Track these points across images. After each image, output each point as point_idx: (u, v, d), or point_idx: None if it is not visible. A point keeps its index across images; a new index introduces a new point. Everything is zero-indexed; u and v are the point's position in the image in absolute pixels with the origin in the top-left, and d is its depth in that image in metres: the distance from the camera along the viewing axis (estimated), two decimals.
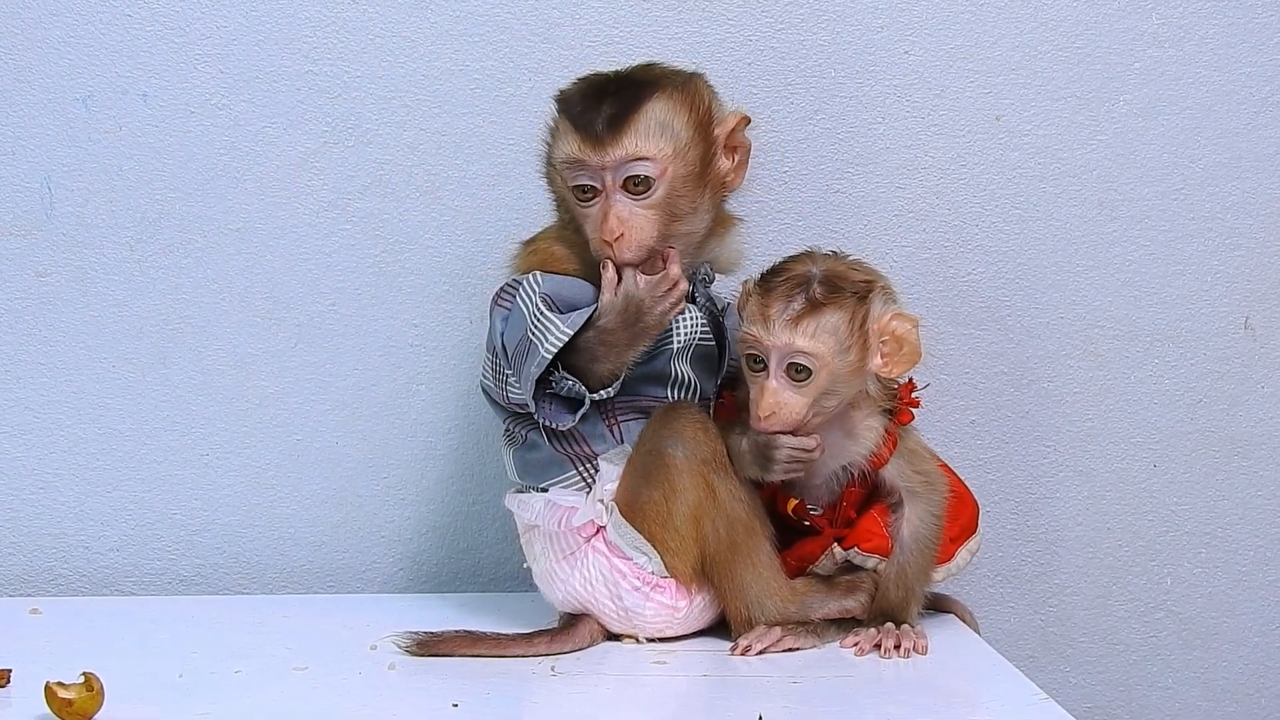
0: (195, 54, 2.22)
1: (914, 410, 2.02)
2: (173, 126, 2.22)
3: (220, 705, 1.74)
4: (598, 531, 1.97)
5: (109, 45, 2.21)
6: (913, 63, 2.30)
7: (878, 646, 1.95)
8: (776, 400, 1.91)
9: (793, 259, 1.97)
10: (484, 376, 2.03)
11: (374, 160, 2.25)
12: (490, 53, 2.25)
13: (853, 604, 2.01)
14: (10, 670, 1.78)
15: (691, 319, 1.98)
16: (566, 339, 1.88)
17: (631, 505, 1.95)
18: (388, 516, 2.30)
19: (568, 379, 1.91)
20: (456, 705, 1.73)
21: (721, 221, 2.03)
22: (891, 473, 1.99)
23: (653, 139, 1.92)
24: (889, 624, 1.97)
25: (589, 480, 1.97)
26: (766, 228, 2.24)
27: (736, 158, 2.00)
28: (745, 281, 1.99)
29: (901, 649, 1.95)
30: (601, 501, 1.96)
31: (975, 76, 2.31)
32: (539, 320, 1.90)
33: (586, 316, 1.91)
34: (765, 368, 1.92)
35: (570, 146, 1.94)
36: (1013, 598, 2.39)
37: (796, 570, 2.03)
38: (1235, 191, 2.35)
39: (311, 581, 2.30)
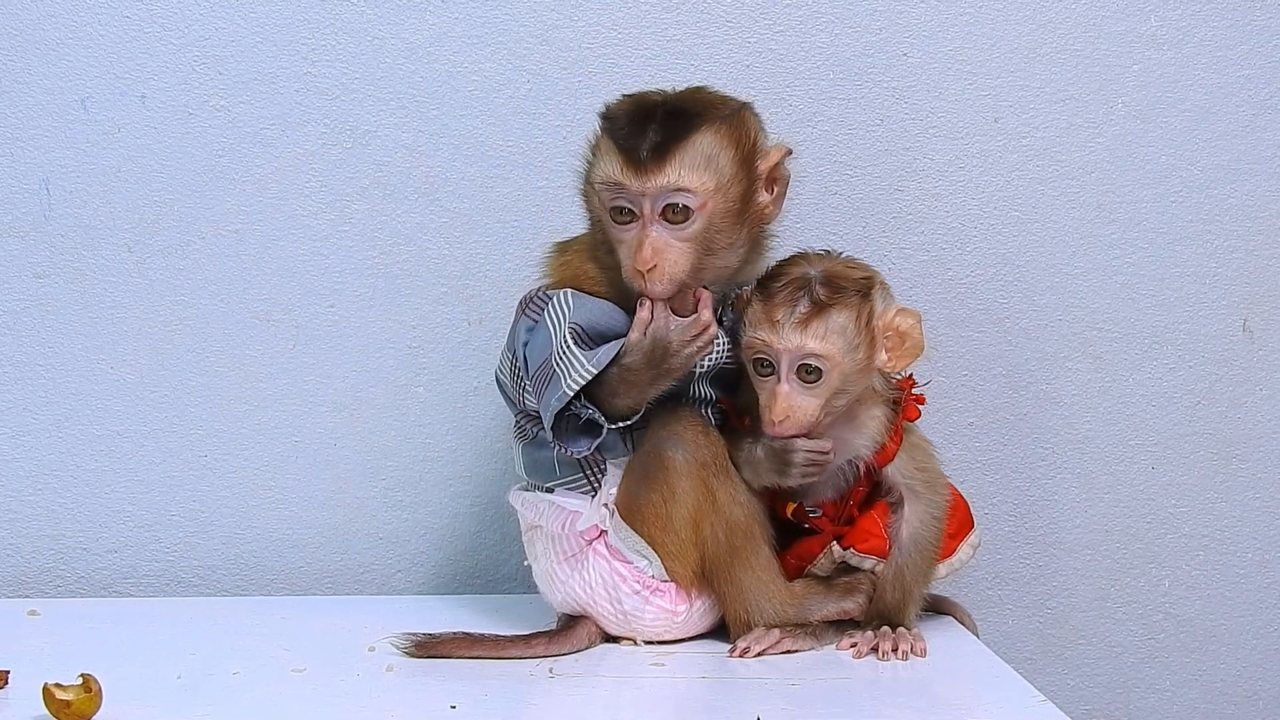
0: (194, 56, 2.22)
1: (920, 406, 2.02)
2: (171, 128, 2.22)
3: (218, 707, 1.74)
4: (600, 535, 1.97)
5: (107, 47, 2.21)
6: (911, 65, 2.30)
7: (875, 649, 1.95)
8: (790, 404, 1.91)
9: (787, 262, 1.97)
10: (500, 371, 2.03)
11: (372, 162, 2.25)
12: (489, 55, 2.25)
13: (851, 605, 2.00)
14: (8, 672, 1.78)
15: (719, 344, 1.96)
16: (589, 378, 1.86)
17: (631, 508, 1.95)
18: (386, 518, 2.30)
19: (588, 408, 1.89)
20: (454, 707, 1.73)
21: (756, 246, 2.00)
22: (894, 469, 1.99)
23: (696, 171, 1.88)
24: (886, 627, 1.97)
25: (595, 484, 1.97)
26: None
27: (776, 189, 1.98)
28: (742, 289, 1.98)
29: (899, 651, 1.95)
30: (606, 505, 1.96)
31: (973, 79, 2.31)
32: (564, 354, 1.88)
33: (612, 355, 1.88)
34: (774, 372, 1.92)
35: (612, 168, 1.91)
36: (1011, 600, 2.39)
37: (796, 569, 2.03)
38: (1233, 194, 2.35)
39: (310, 583, 2.30)
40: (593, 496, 1.97)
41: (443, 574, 2.32)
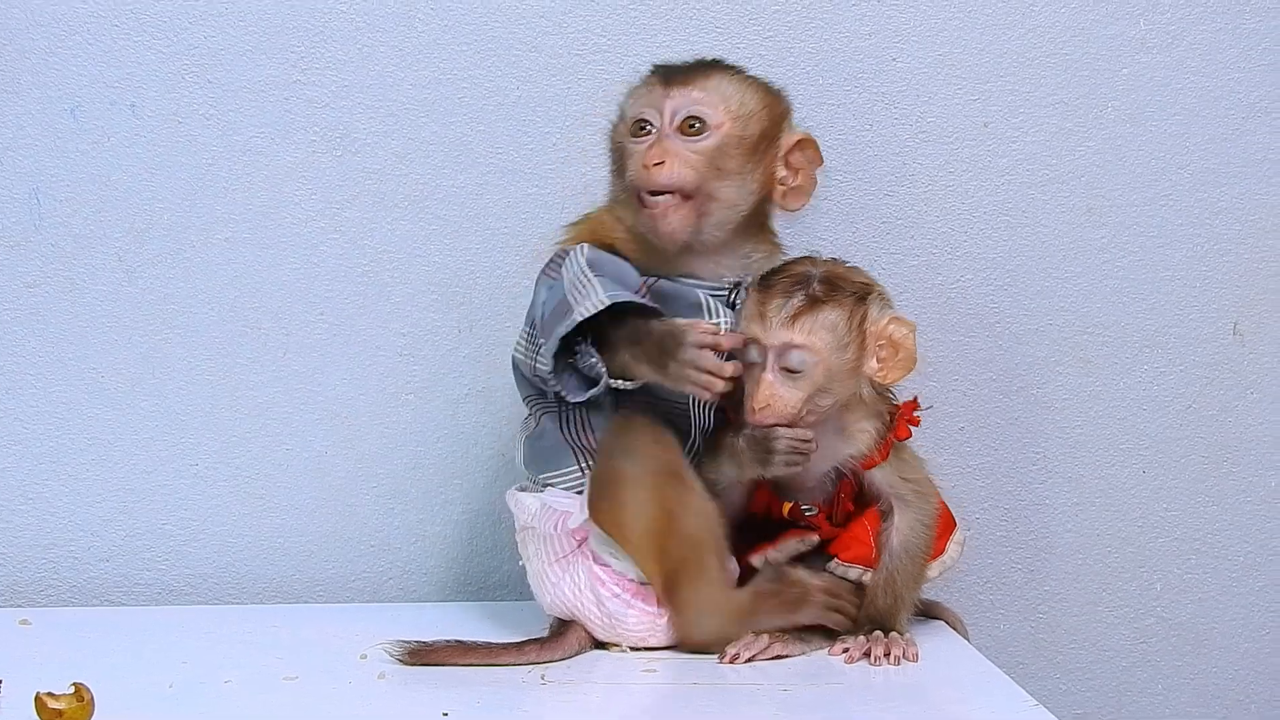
0: (183, 64, 2.22)
1: (912, 427, 2.02)
2: (161, 137, 2.22)
3: (210, 715, 1.74)
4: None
5: (97, 55, 2.21)
6: (900, 70, 2.30)
7: (867, 654, 1.95)
8: (772, 393, 1.91)
9: (793, 261, 1.98)
10: (517, 349, 2.00)
11: (362, 170, 2.25)
12: (478, 62, 2.25)
13: (803, 617, 1.99)
14: (1, 681, 1.78)
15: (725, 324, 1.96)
16: (603, 306, 1.86)
17: (596, 514, 1.95)
18: (377, 525, 2.30)
19: (592, 355, 1.90)
20: (447, 715, 1.73)
21: (767, 235, 2.04)
22: (880, 478, 1.99)
23: (721, 94, 1.96)
24: (878, 632, 1.97)
25: (587, 475, 1.97)
26: None
27: (798, 178, 2.02)
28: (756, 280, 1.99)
29: (891, 656, 1.95)
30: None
31: (963, 83, 2.31)
32: (582, 278, 1.90)
33: (630, 298, 1.89)
34: (760, 361, 1.92)
35: (644, 86, 1.99)
36: (1002, 604, 2.39)
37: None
38: (1223, 197, 2.36)
39: (301, 591, 2.30)
40: (581, 494, 1.97)
41: (434, 581, 2.31)
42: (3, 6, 2.19)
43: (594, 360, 1.90)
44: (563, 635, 1.97)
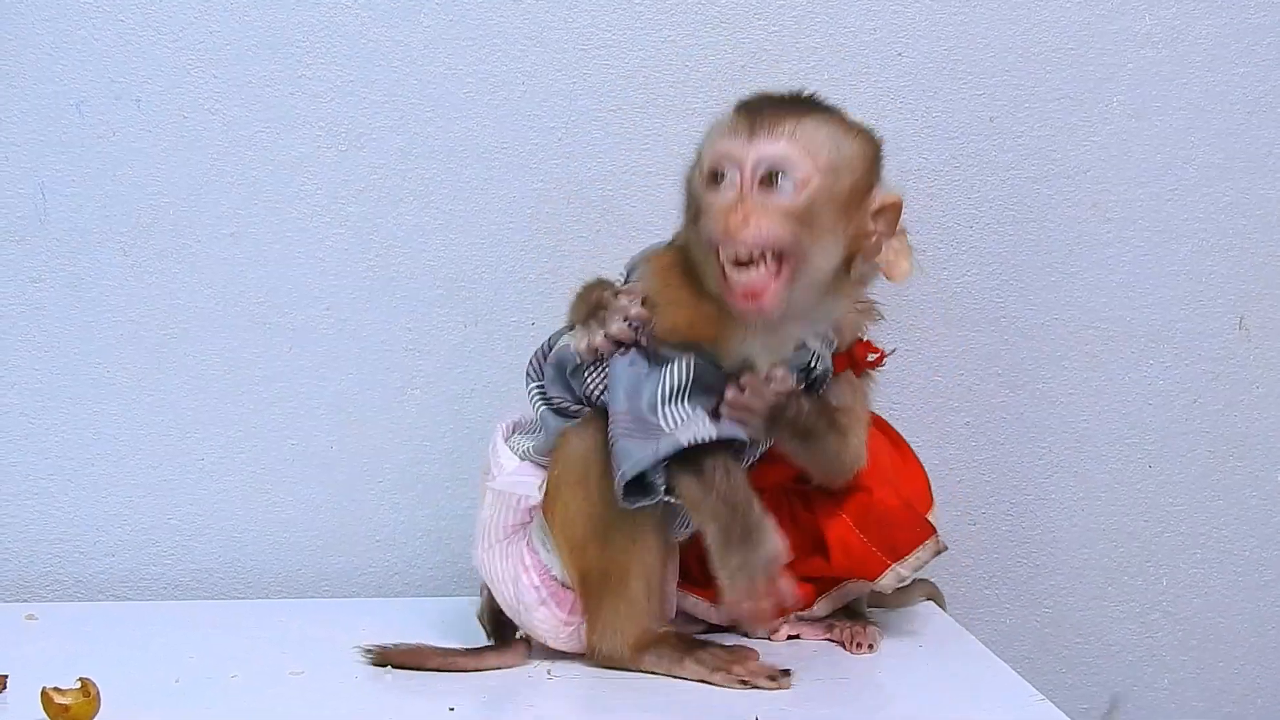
0: (188, 59, 2.22)
1: (873, 371, 1.95)
2: (166, 131, 2.22)
3: (217, 710, 1.74)
4: None
5: (102, 50, 2.21)
6: (906, 65, 2.30)
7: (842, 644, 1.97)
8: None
9: None
10: (577, 353, 1.88)
11: (367, 165, 2.25)
12: (483, 57, 2.25)
13: (687, 669, 1.88)
14: (7, 676, 1.78)
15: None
16: (679, 449, 1.73)
17: (542, 505, 1.91)
18: (382, 520, 2.30)
19: (659, 477, 1.77)
20: (453, 709, 1.73)
21: (850, 290, 1.87)
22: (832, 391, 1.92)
23: (810, 145, 1.78)
24: (844, 621, 1.99)
25: None
26: None
27: (873, 240, 1.84)
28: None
29: (855, 644, 1.95)
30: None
31: (968, 78, 2.31)
32: (674, 406, 1.78)
33: (702, 437, 1.74)
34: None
35: (728, 125, 1.81)
36: (1008, 599, 2.39)
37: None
38: (1229, 192, 2.36)
39: (307, 586, 2.30)
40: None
41: (440, 576, 2.31)
42: (8, 1, 2.19)
43: (659, 479, 1.77)
44: (517, 641, 1.93)
